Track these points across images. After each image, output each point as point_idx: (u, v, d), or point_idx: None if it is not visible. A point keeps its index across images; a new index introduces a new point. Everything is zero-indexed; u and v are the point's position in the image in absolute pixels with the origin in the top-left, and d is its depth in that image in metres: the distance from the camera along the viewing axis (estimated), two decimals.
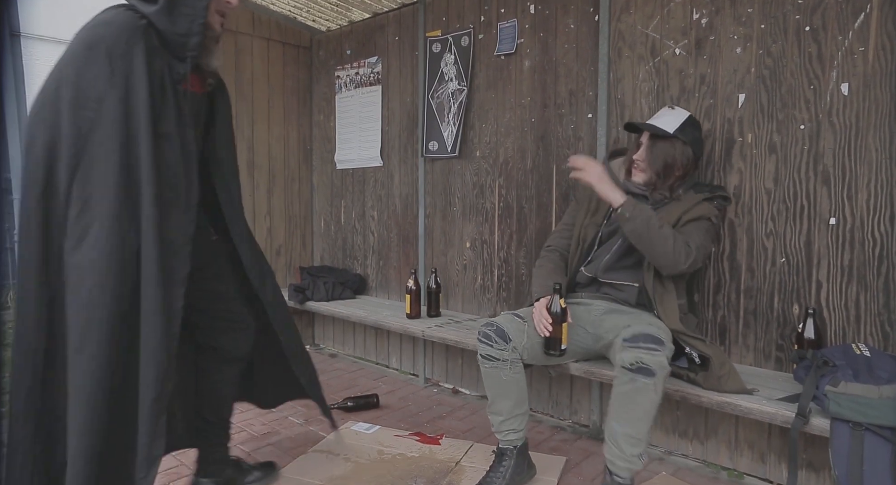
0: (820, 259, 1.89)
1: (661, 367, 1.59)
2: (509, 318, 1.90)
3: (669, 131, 1.89)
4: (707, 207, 1.88)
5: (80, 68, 1.21)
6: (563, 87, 2.52)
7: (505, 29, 2.70)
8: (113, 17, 1.25)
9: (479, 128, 2.84)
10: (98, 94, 1.21)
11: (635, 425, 1.63)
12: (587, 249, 2.04)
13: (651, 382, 1.59)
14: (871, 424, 1.42)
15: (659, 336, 1.64)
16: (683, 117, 1.93)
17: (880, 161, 1.77)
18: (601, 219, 2.04)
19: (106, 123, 1.21)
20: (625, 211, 1.81)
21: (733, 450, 2.09)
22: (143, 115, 1.24)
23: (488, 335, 1.85)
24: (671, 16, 2.18)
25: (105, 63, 1.21)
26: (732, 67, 2.04)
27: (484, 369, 1.87)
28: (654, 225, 1.78)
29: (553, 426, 2.52)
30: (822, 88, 1.86)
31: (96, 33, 1.24)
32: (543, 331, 1.84)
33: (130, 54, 1.23)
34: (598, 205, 2.05)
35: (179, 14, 1.28)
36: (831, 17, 1.83)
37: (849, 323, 1.84)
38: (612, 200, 1.84)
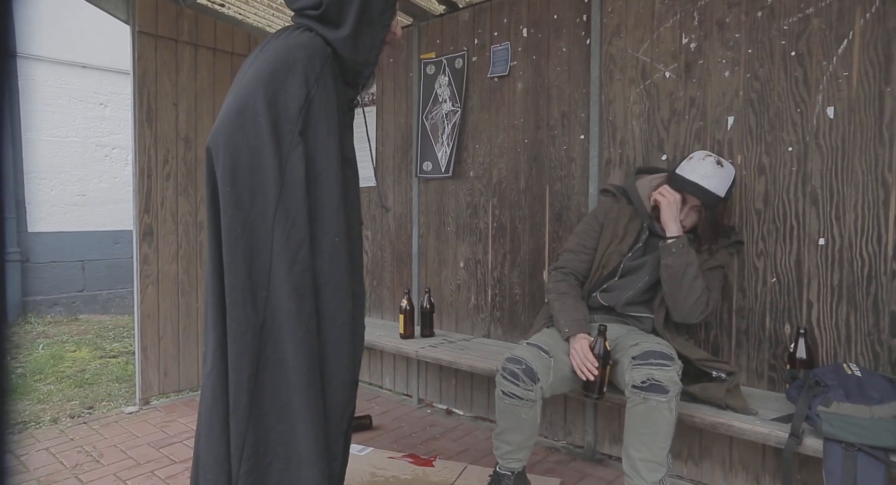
0: (810, 279, 1.91)
1: (672, 383, 1.59)
2: (535, 353, 1.80)
3: (721, 196, 1.83)
4: (725, 256, 1.91)
5: (278, 91, 1.21)
6: (555, 109, 2.56)
7: (498, 51, 2.74)
8: (307, 42, 1.26)
9: (472, 148, 2.87)
10: (294, 117, 1.22)
11: (653, 449, 1.59)
12: (606, 276, 1.98)
13: (665, 399, 1.57)
14: (864, 444, 1.42)
15: (668, 353, 1.64)
16: (731, 177, 1.86)
17: (867, 183, 1.80)
18: (626, 249, 1.97)
19: (300, 149, 1.22)
20: (674, 245, 1.80)
21: (728, 471, 2.08)
22: (334, 141, 1.27)
23: (516, 374, 1.75)
24: (661, 40, 2.23)
25: (303, 86, 1.22)
26: (721, 91, 2.08)
27: (503, 404, 1.79)
28: (691, 273, 1.78)
29: (547, 447, 2.50)
30: (809, 112, 1.90)
31: (291, 55, 1.24)
32: (588, 375, 1.74)
33: (324, 79, 1.26)
34: (625, 233, 1.99)
35: (362, 44, 1.32)
36: (815, 42, 1.88)
37: (840, 343, 1.86)
38: (669, 229, 1.82)
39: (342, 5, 1.28)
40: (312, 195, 1.24)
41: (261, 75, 1.22)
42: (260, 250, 1.20)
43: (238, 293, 1.20)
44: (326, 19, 1.28)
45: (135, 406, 2.98)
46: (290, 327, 1.19)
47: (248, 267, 1.20)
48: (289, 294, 1.19)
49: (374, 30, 1.33)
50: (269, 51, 1.27)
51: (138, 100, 2.90)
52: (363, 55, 1.33)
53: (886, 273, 1.77)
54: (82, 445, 2.51)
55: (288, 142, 1.21)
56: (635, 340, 1.78)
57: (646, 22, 2.26)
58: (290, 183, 1.20)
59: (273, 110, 1.20)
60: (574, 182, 2.50)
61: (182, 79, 3.07)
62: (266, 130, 1.19)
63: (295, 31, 1.29)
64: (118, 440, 2.56)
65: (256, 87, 1.20)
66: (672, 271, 1.80)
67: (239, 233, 1.19)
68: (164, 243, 3.04)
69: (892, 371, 1.76)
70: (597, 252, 2.02)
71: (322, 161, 1.25)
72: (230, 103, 1.23)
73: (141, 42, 2.89)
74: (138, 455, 2.40)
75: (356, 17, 1.28)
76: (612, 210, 2.03)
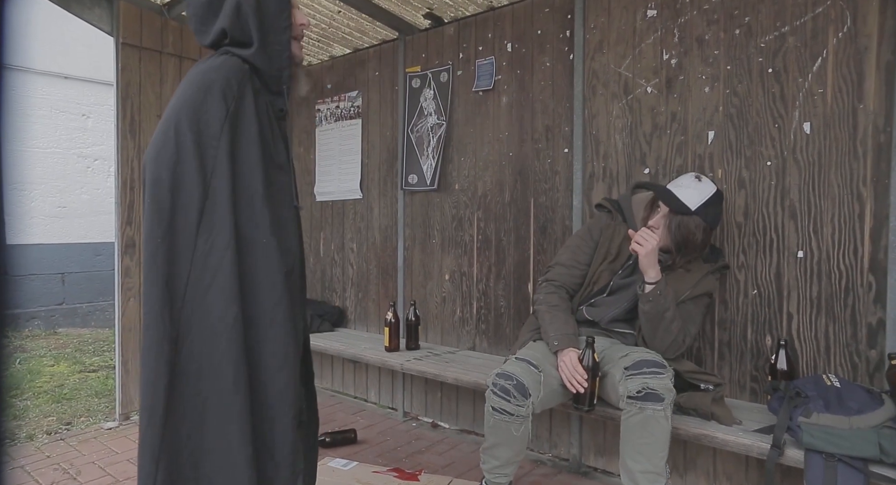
0: (790, 291, 1.94)
1: (667, 390, 1.59)
2: (525, 368, 1.78)
3: (691, 209, 1.80)
4: (711, 282, 1.90)
5: (198, 110, 1.26)
6: (539, 123, 2.59)
7: (483, 66, 2.77)
8: (222, 63, 1.31)
9: (457, 161, 2.88)
10: (217, 133, 1.26)
11: (651, 459, 1.59)
12: (595, 291, 1.99)
13: (661, 407, 1.57)
14: (843, 454, 1.44)
15: (659, 360, 1.65)
16: (709, 194, 1.81)
17: (842, 196, 1.84)
18: (618, 267, 1.98)
19: (225, 162, 1.27)
20: (651, 293, 1.79)
21: (712, 482, 2.09)
22: (255, 151, 1.32)
23: (507, 390, 1.73)
24: (642, 56, 2.27)
25: (221, 104, 1.27)
26: (701, 106, 2.12)
27: (493, 420, 1.77)
28: (668, 318, 1.78)
29: (533, 460, 2.50)
30: (786, 127, 1.95)
31: (208, 77, 1.29)
32: (578, 387, 1.75)
33: (242, 95, 1.31)
34: (618, 252, 1.98)
35: (272, 51, 1.36)
36: (791, 60, 1.93)
37: (819, 354, 1.88)
38: (648, 275, 1.80)
39: (243, 24, 1.33)
40: (238, 204, 1.28)
41: (183, 98, 1.27)
42: (180, 260, 1.23)
43: (155, 303, 1.22)
44: (237, 42, 1.35)
45: (114, 421, 2.92)
46: (210, 335, 1.22)
47: (166, 277, 1.22)
48: (211, 302, 1.22)
49: (277, 34, 1.37)
50: (191, 76, 1.32)
51: (121, 111, 2.88)
52: (276, 62, 1.38)
53: (863, 285, 1.81)
54: (59, 462, 2.45)
55: (212, 156, 1.25)
56: (624, 352, 1.79)
57: (627, 38, 2.30)
58: (214, 194, 1.24)
59: (195, 129, 1.25)
60: (558, 195, 2.52)
61: (166, 90, 3.06)
62: (189, 147, 1.24)
63: (212, 57, 1.36)
64: (97, 457, 2.50)
65: (180, 109, 1.26)
66: (648, 317, 1.81)
67: (158, 242, 1.23)
68: None
69: (870, 382, 1.79)
70: (589, 268, 2.02)
71: (247, 171, 1.30)
72: (158, 126, 1.28)
73: (125, 53, 2.87)
74: (117, 472, 2.35)
75: (257, 28, 1.33)
76: (607, 228, 2.03)
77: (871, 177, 1.79)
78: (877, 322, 1.78)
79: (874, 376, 1.78)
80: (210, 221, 1.24)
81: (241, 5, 1.32)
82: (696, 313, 1.89)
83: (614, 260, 1.98)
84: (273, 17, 1.36)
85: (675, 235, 1.83)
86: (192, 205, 1.23)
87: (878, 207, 1.78)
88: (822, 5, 1.87)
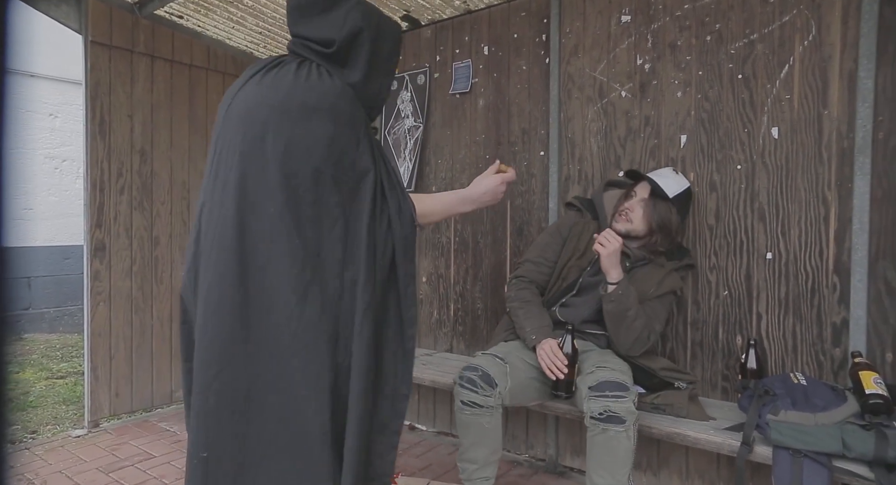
0: (759, 292, 1.99)
1: (629, 413, 1.61)
2: (490, 360, 1.82)
3: (669, 196, 1.90)
4: (675, 280, 1.95)
5: (331, 141, 1.23)
6: (516, 126, 2.60)
7: (460, 69, 2.78)
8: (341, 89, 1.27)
9: (434, 164, 2.89)
10: (351, 163, 1.25)
11: (615, 474, 1.61)
12: (565, 289, 2.02)
13: (622, 428, 1.59)
14: (809, 450, 1.48)
15: (623, 382, 1.66)
16: (684, 186, 1.95)
17: (808, 200, 1.90)
18: (586, 264, 2.01)
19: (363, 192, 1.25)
20: (613, 293, 1.82)
21: (685, 480, 2.13)
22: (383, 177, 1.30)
23: (473, 381, 1.75)
24: (617, 60, 2.30)
25: (352, 133, 1.25)
26: (674, 110, 2.16)
27: (463, 417, 1.78)
28: (630, 316, 1.82)
29: (510, 461, 2.51)
30: (756, 132, 2.00)
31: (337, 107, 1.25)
32: (558, 374, 1.77)
33: (361, 122, 1.29)
34: (585, 248, 2.03)
35: (370, 89, 1.34)
36: (760, 66, 1.98)
37: (787, 353, 1.93)
38: (610, 276, 1.83)
39: (353, 49, 1.30)
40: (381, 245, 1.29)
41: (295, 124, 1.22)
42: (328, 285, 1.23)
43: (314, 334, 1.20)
44: (335, 59, 1.30)
45: (83, 429, 2.85)
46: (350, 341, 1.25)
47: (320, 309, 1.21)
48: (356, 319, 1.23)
49: (382, 76, 1.37)
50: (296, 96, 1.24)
51: (91, 111, 2.82)
52: (370, 101, 1.36)
53: (828, 286, 1.86)
54: (23, 472, 2.38)
55: (349, 189, 1.24)
56: (590, 367, 1.79)
57: (602, 43, 2.34)
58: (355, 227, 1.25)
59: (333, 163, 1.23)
60: (534, 198, 2.54)
61: (137, 90, 3.00)
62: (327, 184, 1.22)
63: (311, 70, 1.28)
64: (64, 466, 2.44)
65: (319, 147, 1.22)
66: (611, 316, 1.85)
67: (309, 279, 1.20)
68: (116, 259, 2.94)
69: (834, 379, 1.84)
70: (557, 265, 2.06)
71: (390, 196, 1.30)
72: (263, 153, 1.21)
73: (94, 52, 2.81)
74: (85, 481, 2.29)
75: (367, 62, 1.31)
76: (576, 225, 2.08)
77: (836, 181, 1.85)
78: (841, 322, 1.84)
79: (838, 374, 1.84)
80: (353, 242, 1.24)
81: (361, 32, 1.30)
82: (661, 311, 1.92)
83: (581, 257, 2.03)
84: (384, 58, 1.36)
85: (654, 217, 1.90)
86: (335, 236, 1.23)
87: (842, 210, 1.84)
88: (788, 14, 1.93)
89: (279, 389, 1.19)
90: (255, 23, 3.07)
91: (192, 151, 3.27)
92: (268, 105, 1.23)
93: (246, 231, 1.20)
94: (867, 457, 1.44)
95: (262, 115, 1.22)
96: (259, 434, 1.20)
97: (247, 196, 1.21)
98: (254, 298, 1.20)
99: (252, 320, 1.20)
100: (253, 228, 1.20)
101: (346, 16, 1.29)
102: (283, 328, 1.19)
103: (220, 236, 1.22)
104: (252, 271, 1.20)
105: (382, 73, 1.37)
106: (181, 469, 2.40)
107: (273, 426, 1.20)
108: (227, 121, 1.28)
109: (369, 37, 1.30)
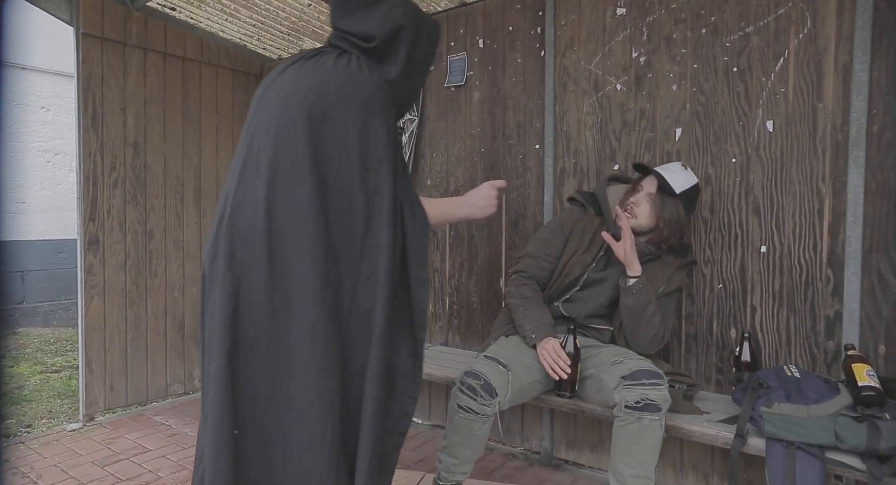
0: (753, 285, 1.99)
1: (665, 400, 1.61)
2: (493, 367, 1.78)
3: (676, 192, 1.87)
4: (681, 278, 1.94)
5: (362, 131, 1.23)
6: (511, 119, 2.60)
7: (455, 61, 2.77)
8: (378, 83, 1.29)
9: (430, 157, 2.88)
10: (380, 157, 1.25)
11: (643, 464, 1.61)
12: (568, 285, 1.99)
13: (657, 417, 1.59)
14: (802, 442, 1.49)
15: (656, 370, 1.66)
16: (692, 182, 1.91)
17: (803, 193, 1.90)
18: (589, 260, 1.98)
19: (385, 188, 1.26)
20: (634, 286, 1.81)
21: (679, 472, 2.14)
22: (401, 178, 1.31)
23: (474, 389, 1.73)
24: (612, 53, 2.30)
25: (383, 126, 1.26)
26: (669, 103, 2.16)
27: (457, 419, 1.76)
28: (650, 311, 1.81)
29: (505, 454, 2.52)
30: (750, 125, 2.00)
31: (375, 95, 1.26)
32: (561, 374, 1.76)
33: (391, 118, 1.30)
34: (589, 244, 1.99)
35: (405, 85, 1.36)
36: (755, 60, 1.98)
37: (781, 346, 1.94)
38: (631, 269, 1.82)
39: (393, 45, 1.32)
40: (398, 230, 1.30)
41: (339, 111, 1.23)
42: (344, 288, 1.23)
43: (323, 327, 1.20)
44: (374, 54, 1.32)
45: (78, 423, 2.85)
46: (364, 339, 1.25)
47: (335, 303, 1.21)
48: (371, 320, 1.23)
49: (417, 74, 1.39)
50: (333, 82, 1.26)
51: (83, 104, 2.79)
52: (402, 98, 1.38)
53: (822, 279, 1.87)
54: (18, 466, 2.37)
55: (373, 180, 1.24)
56: (615, 357, 1.77)
57: (598, 35, 2.33)
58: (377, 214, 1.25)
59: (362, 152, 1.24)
60: (530, 191, 2.54)
61: (130, 83, 2.98)
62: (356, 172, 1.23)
63: (350, 60, 1.30)
64: (59, 460, 2.44)
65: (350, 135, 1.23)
66: (632, 310, 1.83)
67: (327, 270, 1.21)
68: (110, 253, 2.93)
69: (827, 372, 1.85)
70: (560, 260, 2.02)
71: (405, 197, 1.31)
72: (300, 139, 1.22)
73: (86, 44, 2.79)
74: (81, 474, 2.29)
75: (405, 59, 1.33)
76: (580, 220, 2.03)
77: (830, 174, 1.85)
78: (834, 314, 1.85)
79: (831, 366, 1.85)
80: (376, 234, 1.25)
81: (402, 29, 1.31)
82: (670, 309, 1.93)
83: (586, 252, 1.99)
84: (421, 55, 1.38)
85: (661, 213, 1.87)
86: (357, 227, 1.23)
87: (836, 204, 1.84)
88: (783, 6, 1.92)
89: (295, 375, 1.19)
90: (248, 15, 3.04)
91: (185, 144, 3.25)
92: (305, 88, 1.25)
93: (273, 213, 1.20)
94: (859, 449, 1.45)
95: (298, 98, 1.24)
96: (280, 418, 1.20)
97: (276, 178, 1.21)
98: (278, 280, 1.20)
99: (277, 305, 1.20)
100: (280, 210, 1.20)
101: (388, 12, 1.32)
102: (306, 313, 1.19)
103: (250, 215, 1.21)
104: (278, 255, 1.20)
105: (418, 71, 1.39)
106: (176, 462, 2.40)
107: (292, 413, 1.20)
108: (263, 104, 1.30)
109: (409, 35, 1.33)
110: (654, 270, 1.91)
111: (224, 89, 3.45)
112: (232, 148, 3.53)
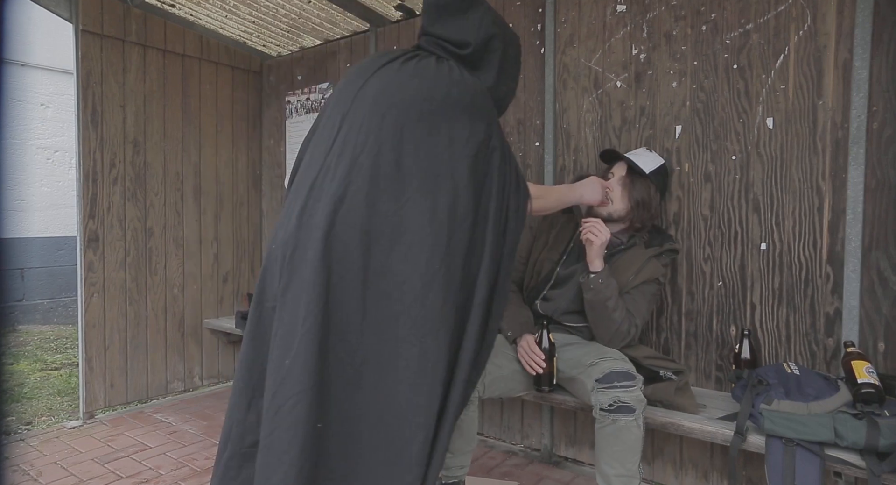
0: (753, 282, 1.99)
1: (638, 401, 1.61)
2: None
3: (646, 171, 1.93)
4: (656, 267, 1.91)
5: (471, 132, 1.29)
6: (511, 116, 2.59)
7: None
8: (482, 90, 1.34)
9: None
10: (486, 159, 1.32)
11: (625, 463, 1.63)
12: (541, 283, 2.01)
13: (632, 417, 1.60)
14: (801, 439, 1.49)
15: (630, 371, 1.66)
16: (659, 162, 2.00)
17: (803, 190, 1.90)
18: (557, 256, 2.01)
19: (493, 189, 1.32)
20: (592, 281, 1.82)
21: (678, 469, 2.15)
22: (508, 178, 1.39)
23: None
24: (612, 50, 2.29)
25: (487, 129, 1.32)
26: (669, 100, 2.16)
27: None
28: (609, 306, 1.81)
29: (505, 451, 2.52)
30: (750, 122, 1.99)
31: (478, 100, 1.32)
32: (536, 368, 1.81)
33: (495, 121, 1.36)
34: (555, 240, 2.03)
35: (498, 92, 1.41)
36: (755, 56, 1.97)
37: (780, 343, 1.94)
38: (593, 265, 1.83)
39: (486, 54, 1.36)
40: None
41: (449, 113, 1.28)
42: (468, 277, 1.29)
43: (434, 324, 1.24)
44: (468, 60, 1.35)
45: (78, 420, 2.85)
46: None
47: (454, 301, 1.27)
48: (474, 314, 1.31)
49: (509, 80, 1.44)
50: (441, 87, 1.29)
51: (82, 101, 2.79)
52: (497, 103, 1.42)
53: (821, 276, 1.87)
54: (18, 463, 2.38)
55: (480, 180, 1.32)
56: (592, 359, 1.77)
57: (598, 33, 2.32)
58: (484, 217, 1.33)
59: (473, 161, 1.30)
60: None
61: (130, 80, 2.97)
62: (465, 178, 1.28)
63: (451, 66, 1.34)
64: (59, 457, 2.44)
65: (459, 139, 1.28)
66: (591, 306, 1.84)
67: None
68: (110, 250, 2.93)
69: (827, 369, 1.85)
70: (529, 260, 2.07)
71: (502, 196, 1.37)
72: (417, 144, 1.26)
73: (85, 41, 2.78)
74: (81, 472, 2.30)
75: (499, 66, 1.38)
76: (545, 218, 2.08)
77: (830, 171, 1.85)
78: (834, 312, 1.85)
79: (831, 364, 1.85)
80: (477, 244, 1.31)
81: (494, 37, 1.36)
82: (641, 303, 1.89)
83: (552, 249, 2.03)
84: (511, 62, 1.44)
85: (633, 194, 1.93)
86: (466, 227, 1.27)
87: (836, 201, 1.84)
88: (783, 3, 1.92)
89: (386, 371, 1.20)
90: (248, 12, 3.04)
91: (185, 141, 3.25)
92: (412, 91, 1.27)
93: (375, 212, 1.21)
94: (859, 445, 1.45)
95: (404, 102, 1.26)
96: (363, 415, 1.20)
97: (379, 178, 1.22)
98: (374, 277, 1.20)
99: (369, 301, 1.20)
100: (382, 210, 1.21)
101: (480, 20, 1.35)
102: (404, 313, 1.19)
103: (347, 213, 1.21)
104: (376, 252, 1.20)
105: (510, 77, 1.44)
106: (176, 460, 2.41)
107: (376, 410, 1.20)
108: (361, 101, 1.31)
109: (501, 42, 1.37)
110: (623, 260, 1.92)
111: (224, 87, 3.45)
112: (232, 145, 3.53)
